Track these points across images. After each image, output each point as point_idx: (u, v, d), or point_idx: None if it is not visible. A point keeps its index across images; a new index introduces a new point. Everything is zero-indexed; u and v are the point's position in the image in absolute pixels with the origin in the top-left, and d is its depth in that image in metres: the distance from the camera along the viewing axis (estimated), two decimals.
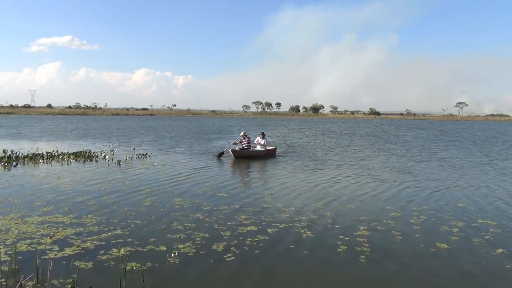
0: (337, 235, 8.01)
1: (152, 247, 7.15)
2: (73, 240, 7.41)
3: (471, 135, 47.89)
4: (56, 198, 10.74)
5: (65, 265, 6.19)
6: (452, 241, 7.79)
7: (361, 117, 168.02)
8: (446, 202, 11.21)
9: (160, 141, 31.54)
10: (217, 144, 30.11)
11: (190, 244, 7.32)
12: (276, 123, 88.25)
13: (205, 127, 61.91)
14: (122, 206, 9.97)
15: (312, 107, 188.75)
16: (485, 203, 11.14)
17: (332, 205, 10.59)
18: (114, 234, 7.81)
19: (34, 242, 7.23)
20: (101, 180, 13.67)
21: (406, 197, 11.78)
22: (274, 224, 8.67)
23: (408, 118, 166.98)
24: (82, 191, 11.69)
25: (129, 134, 40.53)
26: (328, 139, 37.82)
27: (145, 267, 6.24)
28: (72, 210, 9.48)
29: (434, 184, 13.98)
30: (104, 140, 31.57)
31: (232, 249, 7.10)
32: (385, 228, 8.59)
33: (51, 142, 29.55)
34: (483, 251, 7.31)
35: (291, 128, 61.42)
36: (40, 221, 8.50)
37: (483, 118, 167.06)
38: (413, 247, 7.47)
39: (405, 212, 9.94)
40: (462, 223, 9.02)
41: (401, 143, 33.30)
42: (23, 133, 39.67)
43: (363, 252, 7.11)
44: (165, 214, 9.37)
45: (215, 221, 8.80)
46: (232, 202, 10.73)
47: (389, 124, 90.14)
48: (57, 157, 19.25)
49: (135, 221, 8.68)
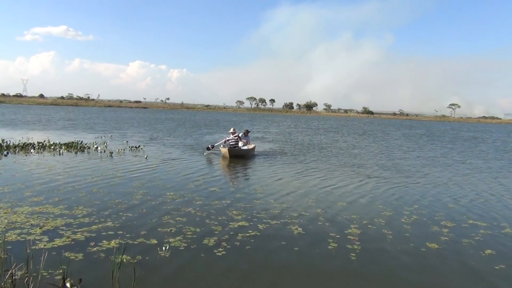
0: (328, 233, 8.04)
1: (143, 240, 7.13)
2: (64, 231, 7.36)
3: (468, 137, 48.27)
4: (47, 189, 10.66)
5: (55, 256, 6.15)
6: (442, 241, 7.85)
7: (354, 115, 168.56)
8: (438, 202, 11.30)
9: (153, 134, 31.39)
10: (210, 138, 30.04)
11: (181, 238, 7.31)
12: (269, 119, 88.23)
13: (199, 120, 61.72)
14: (113, 198, 9.93)
15: (306, 105, 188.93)
16: (476, 204, 11.23)
17: (323, 203, 10.61)
18: (105, 226, 7.78)
19: (23, 232, 7.17)
20: (92, 171, 13.59)
21: (398, 196, 11.84)
22: (265, 220, 8.68)
23: (400, 118, 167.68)
24: (73, 182, 11.61)
25: (122, 126, 40.29)
26: (320, 136, 37.88)
27: (135, 260, 6.22)
28: (62, 201, 9.42)
29: (427, 184, 14.06)
30: (96, 132, 31.37)
31: (223, 244, 7.10)
32: (376, 227, 8.63)
33: (43, 132, 29.31)
34: (473, 252, 7.38)
35: (285, 125, 61.44)
36: (30, 211, 8.43)
37: (475, 120, 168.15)
38: (404, 246, 7.51)
39: (397, 212, 9.99)
40: (453, 224, 9.10)
41: (394, 142, 33.46)
42: (14, 122, 39.29)
43: (354, 250, 7.14)
44: (157, 207, 9.35)
45: (206, 216, 8.79)
46: (224, 197, 10.72)
47: (380, 124, 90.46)
48: (49, 147, 19.10)
49: (126, 214, 8.64)
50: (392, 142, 34.66)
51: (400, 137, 41.94)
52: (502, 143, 40.31)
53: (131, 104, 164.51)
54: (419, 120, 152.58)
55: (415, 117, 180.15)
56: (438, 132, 59.48)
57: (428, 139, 41.18)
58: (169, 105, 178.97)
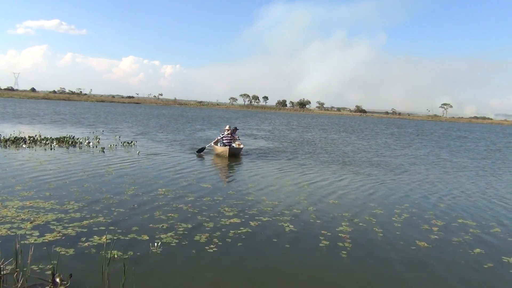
0: (320, 230, 8.08)
1: (135, 235, 7.12)
2: (54, 226, 7.32)
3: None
4: (38, 183, 10.59)
5: (45, 251, 6.10)
6: (432, 240, 7.92)
7: (347, 114, 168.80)
8: (428, 200, 11.39)
9: (146, 130, 31.27)
10: (202, 134, 30.00)
11: (173, 234, 7.30)
12: (262, 116, 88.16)
13: (191, 117, 61.52)
14: (105, 194, 9.89)
15: (299, 102, 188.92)
16: (466, 203, 11.34)
17: (315, 200, 10.65)
18: (96, 221, 7.75)
19: (14, 227, 7.12)
20: (84, 166, 13.52)
21: (389, 194, 11.91)
22: (257, 217, 8.69)
23: (393, 117, 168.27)
24: (65, 177, 11.54)
25: (114, 121, 40.04)
26: (313, 134, 37.96)
27: (127, 255, 6.22)
28: (53, 196, 9.36)
29: (418, 182, 14.16)
30: (88, 127, 31.18)
31: (215, 241, 7.11)
32: (367, 225, 8.69)
33: (34, 126, 29.06)
34: (462, 251, 7.45)
35: (277, 122, 61.44)
36: (21, 206, 8.37)
37: (467, 120, 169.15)
38: (394, 244, 7.57)
39: (387, 210, 10.06)
40: (443, 222, 9.18)
41: (384, 140, 33.63)
42: (5, 116, 38.92)
43: (345, 248, 7.18)
44: (149, 203, 9.32)
45: (198, 212, 8.79)
46: (216, 193, 10.72)
47: (372, 122, 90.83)
48: (40, 141, 18.96)
49: (118, 209, 8.61)
50: (381, 140, 34.82)
51: (390, 136, 42.12)
52: (491, 142, 40.64)
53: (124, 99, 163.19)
54: (411, 119, 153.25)
55: (407, 116, 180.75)
56: (428, 131, 59.79)
57: (417, 137, 41.41)
58: (162, 101, 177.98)
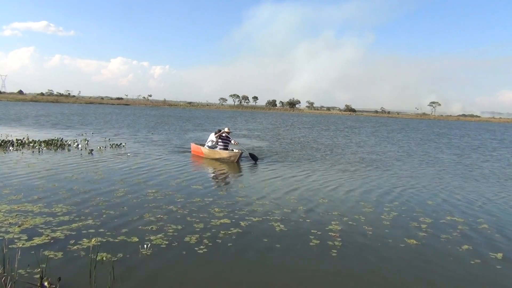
0: (310, 229, 8.11)
1: (124, 238, 7.08)
2: (43, 229, 7.26)
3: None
4: (26, 187, 10.48)
5: (33, 254, 6.05)
6: (420, 237, 7.99)
7: (336, 113, 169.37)
8: (417, 198, 11.49)
9: (135, 131, 31.11)
10: (193, 135, 29.91)
11: (163, 236, 7.28)
12: (252, 116, 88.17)
13: (181, 117, 61.34)
14: (94, 196, 9.82)
15: (289, 102, 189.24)
16: (454, 201, 11.45)
17: (305, 200, 10.69)
18: (85, 224, 7.69)
19: (1, 231, 7.04)
20: (73, 169, 13.41)
21: (379, 193, 11.99)
22: (247, 217, 8.70)
23: (382, 115, 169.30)
24: (53, 180, 11.45)
25: (103, 123, 39.79)
26: (303, 133, 38.05)
27: (116, 258, 6.18)
28: (42, 199, 9.27)
29: (407, 180, 14.27)
30: (77, 129, 30.93)
31: (205, 242, 7.10)
32: (357, 223, 8.74)
33: (22, 128, 28.76)
34: (450, 247, 7.53)
35: (267, 122, 61.49)
36: (8, 210, 8.29)
37: (455, 118, 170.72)
38: (383, 242, 7.63)
39: (377, 208, 10.13)
40: (431, 220, 9.26)
41: (372, 138, 33.84)
42: None
43: (335, 247, 7.22)
44: (138, 205, 9.28)
45: (188, 213, 8.77)
46: (206, 194, 10.70)
47: (363, 121, 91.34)
48: (28, 144, 18.77)
49: (107, 212, 8.56)
50: (370, 137, 35.04)
51: (378, 134, 42.40)
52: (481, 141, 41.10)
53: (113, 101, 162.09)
54: (400, 117, 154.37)
55: (396, 114, 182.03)
56: (415, 129, 60.29)
57: (403, 135, 41.76)
58: (151, 102, 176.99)
